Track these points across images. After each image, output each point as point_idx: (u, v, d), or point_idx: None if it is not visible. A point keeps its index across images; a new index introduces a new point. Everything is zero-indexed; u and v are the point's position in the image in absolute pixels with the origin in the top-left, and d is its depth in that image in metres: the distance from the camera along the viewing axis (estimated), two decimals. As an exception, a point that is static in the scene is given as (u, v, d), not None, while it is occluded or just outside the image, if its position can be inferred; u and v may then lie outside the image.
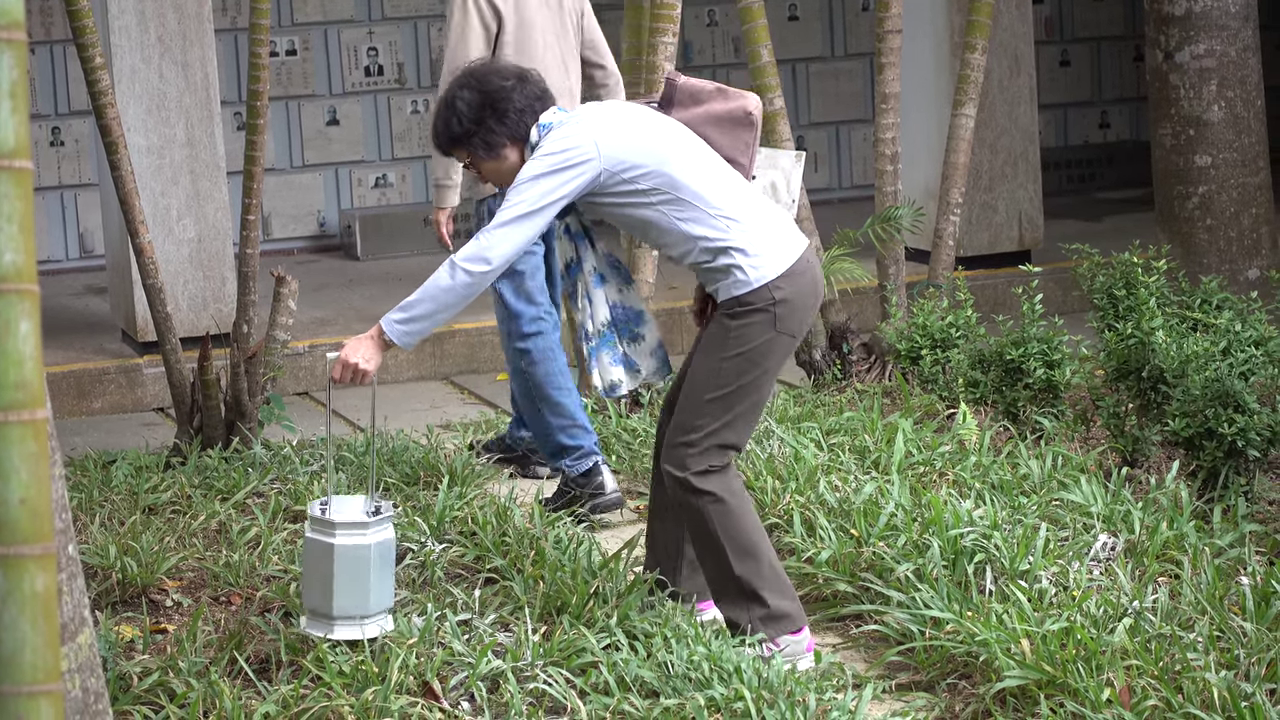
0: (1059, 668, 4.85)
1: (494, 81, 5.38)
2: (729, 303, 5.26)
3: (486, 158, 5.37)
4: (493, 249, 5.14)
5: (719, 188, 5.29)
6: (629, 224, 5.35)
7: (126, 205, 7.50)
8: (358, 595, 5.14)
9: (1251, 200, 8.96)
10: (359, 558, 5.14)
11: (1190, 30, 8.86)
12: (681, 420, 5.31)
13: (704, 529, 5.29)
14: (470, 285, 5.14)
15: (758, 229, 5.28)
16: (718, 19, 12.87)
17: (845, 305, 8.65)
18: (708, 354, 5.29)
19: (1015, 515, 5.98)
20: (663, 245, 5.36)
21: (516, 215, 5.15)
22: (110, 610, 5.77)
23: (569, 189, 5.19)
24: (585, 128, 5.27)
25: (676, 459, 5.29)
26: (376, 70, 12.23)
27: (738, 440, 5.31)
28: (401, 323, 5.21)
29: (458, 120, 5.38)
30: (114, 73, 9.10)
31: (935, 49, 10.44)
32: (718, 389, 5.25)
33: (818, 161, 12.95)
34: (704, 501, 5.26)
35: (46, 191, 11.71)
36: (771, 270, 5.23)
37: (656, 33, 7.82)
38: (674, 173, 5.24)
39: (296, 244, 12.18)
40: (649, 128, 5.34)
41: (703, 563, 5.38)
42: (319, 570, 5.17)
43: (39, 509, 2.81)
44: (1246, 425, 6.23)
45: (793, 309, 5.25)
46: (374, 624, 5.18)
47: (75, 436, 8.48)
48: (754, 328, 5.22)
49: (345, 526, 5.16)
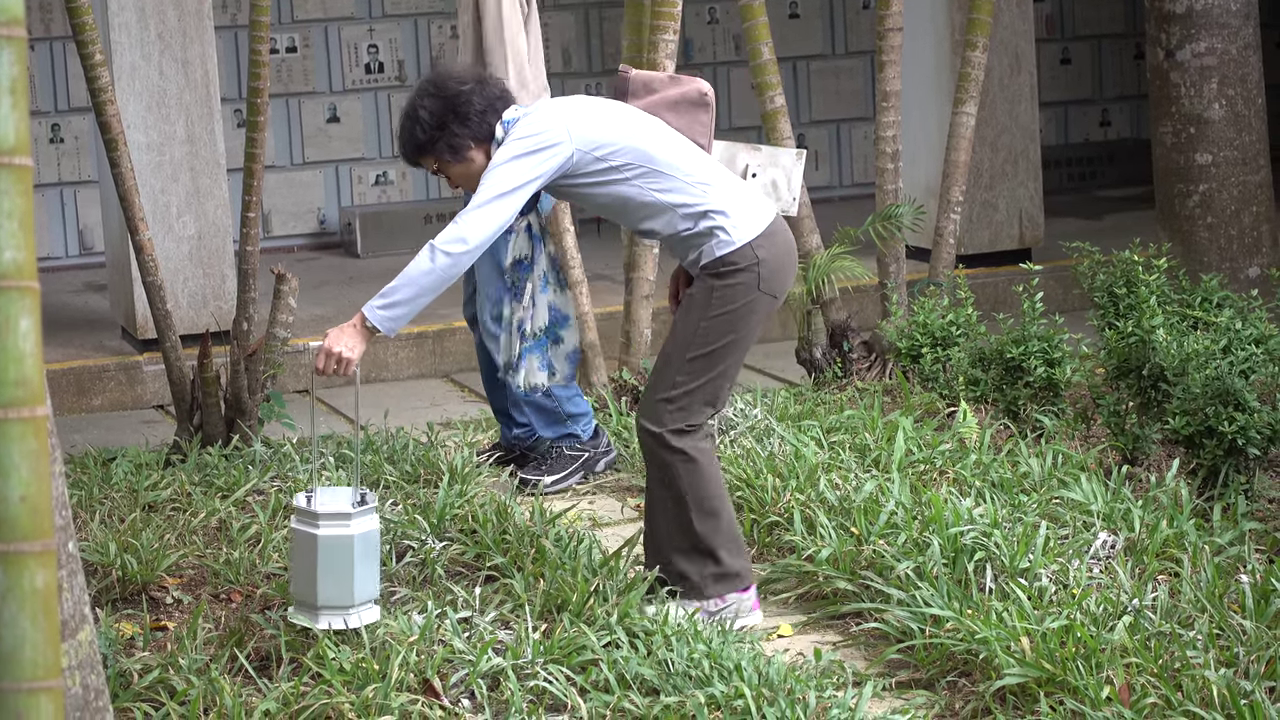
0: (1059, 665, 4.85)
1: (452, 86, 5.52)
2: (713, 264, 5.40)
3: (454, 162, 5.50)
4: (470, 230, 5.24)
5: (689, 157, 5.46)
6: (607, 203, 5.47)
7: (126, 202, 7.50)
8: (341, 586, 5.15)
9: (1252, 198, 8.96)
10: (342, 548, 5.16)
11: (1191, 28, 8.86)
12: (661, 378, 5.45)
13: (672, 485, 5.44)
14: (450, 267, 5.24)
15: (732, 192, 5.45)
16: (718, 16, 12.87)
17: (846, 303, 8.65)
18: (690, 313, 5.43)
19: (1015, 513, 5.98)
20: (642, 221, 5.47)
21: (492, 195, 5.27)
22: (110, 607, 5.77)
23: (542, 169, 5.31)
24: (553, 113, 5.42)
25: (654, 414, 5.43)
26: (377, 67, 12.23)
27: (714, 399, 5.46)
28: (384, 308, 5.28)
29: (420, 128, 5.50)
30: (114, 69, 9.10)
31: (936, 47, 10.44)
32: (700, 348, 5.39)
33: (818, 159, 12.95)
34: (675, 459, 5.42)
35: (46, 188, 11.71)
36: (751, 230, 5.40)
37: (657, 30, 7.82)
38: (645, 146, 5.40)
39: (297, 241, 12.19)
40: (614, 109, 5.52)
41: (658, 516, 5.51)
42: (304, 561, 5.20)
43: (39, 506, 2.81)
44: (1247, 423, 6.23)
45: (773, 269, 5.41)
46: (358, 614, 5.19)
47: (75, 434, 8.48)
48: (738, 288, 5.38)
49: (329, 517, 5.18)
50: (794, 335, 8.56)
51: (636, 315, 8.07)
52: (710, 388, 5.43)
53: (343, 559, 5.16)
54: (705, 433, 5.50)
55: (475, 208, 5.27)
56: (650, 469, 5.53)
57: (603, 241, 11.36)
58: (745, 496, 6.40)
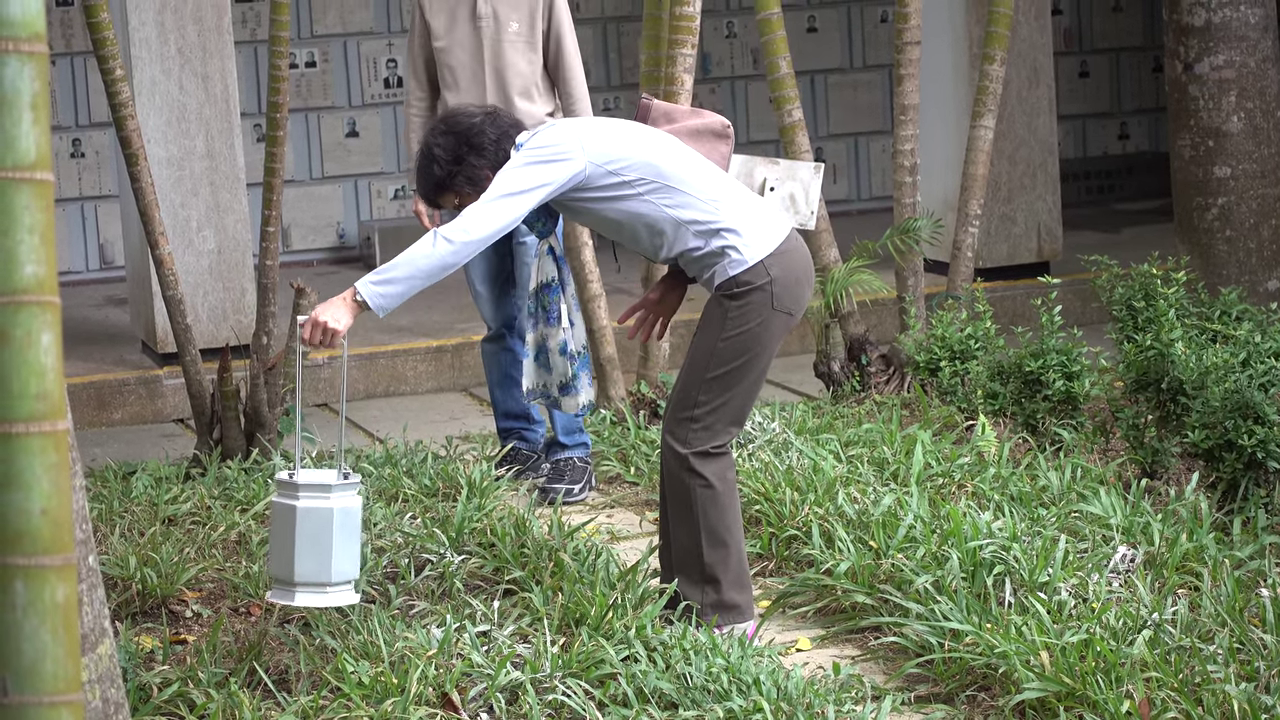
0: (1078, 680, 4.84)
1: (463, 121, 5.55)
2: (726, 284, 5.40)
3: (474, 193, 5.49)
4: (475, 223, 5.27)
5: (702, 174, 5.46)
6: (619, 220, 5.46)
7: (146, 217, 7.51)
8: (320, 561, 5.13)
9: (1271, 211, 8.94)
10: (321, 520, 5.13)
11: (1210, 41, 8.85)
12: (683, 397, 5.45)
13: (687, 508, 5.46)
14: (451, 254, 5.24)
15: (744, 210, 5.45)
16: (736, 30, 12.88)
17: (864, 317, 8.64)
18: (706, 334, 5.45)
19: (1034, 527, 5.97)
20: (654, 239, 5.47)
21: (501, 194, 5.30)
22: (130, 621, 5.78)
23: (553, 177, 5.33)
24: (567, 129, 5.46)
25: (680, 434, 5.44)
26: (396, 82, 12.24)
27: (739, 417, 5.48)
28: (378, 285, 5.27)
29: (438, 165, 5.51)
30: (134, 84, 9.13)
31: (954, 60, 10.44)
32: (718, 367, 5.41)
33: (836, 173, 12.95)
34: (695, 483, 5.44)
35: (67, 203, 11.73)
36: (763, 248, 5.40)
37: (675, 44, 7.83)
38: (658, 162, 5.41)
39: (316, 255, 12.20)
40: (626, 126, 5.55)
41: (675, 534, 5.53)
42: (282, 534, 5.17)
43: (60, 520, 2.82)
44: (1266, 437, 6.22)
45: (786, 286, 5.41)
46: (336, 593, 5.17)
47: (95, 447, 8.50)
48: (752, 308, 5.38)
49: (309, 489, 5.16)
50: (812, 349, 8.56)
51: (654, 329, 8.08)
52: (732, 406, 5.44)
53: (322, 532, 5.13)
54: (730, 461, 5.49)
55: (482, 203, 5.30)
56: (669, 487, 5.53)
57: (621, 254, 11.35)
58: (764, 510, 6.40)
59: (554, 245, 5.67)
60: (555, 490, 7.06)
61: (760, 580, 6.15)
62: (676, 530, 5.52)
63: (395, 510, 6.57)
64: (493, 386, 7.49)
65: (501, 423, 7.47)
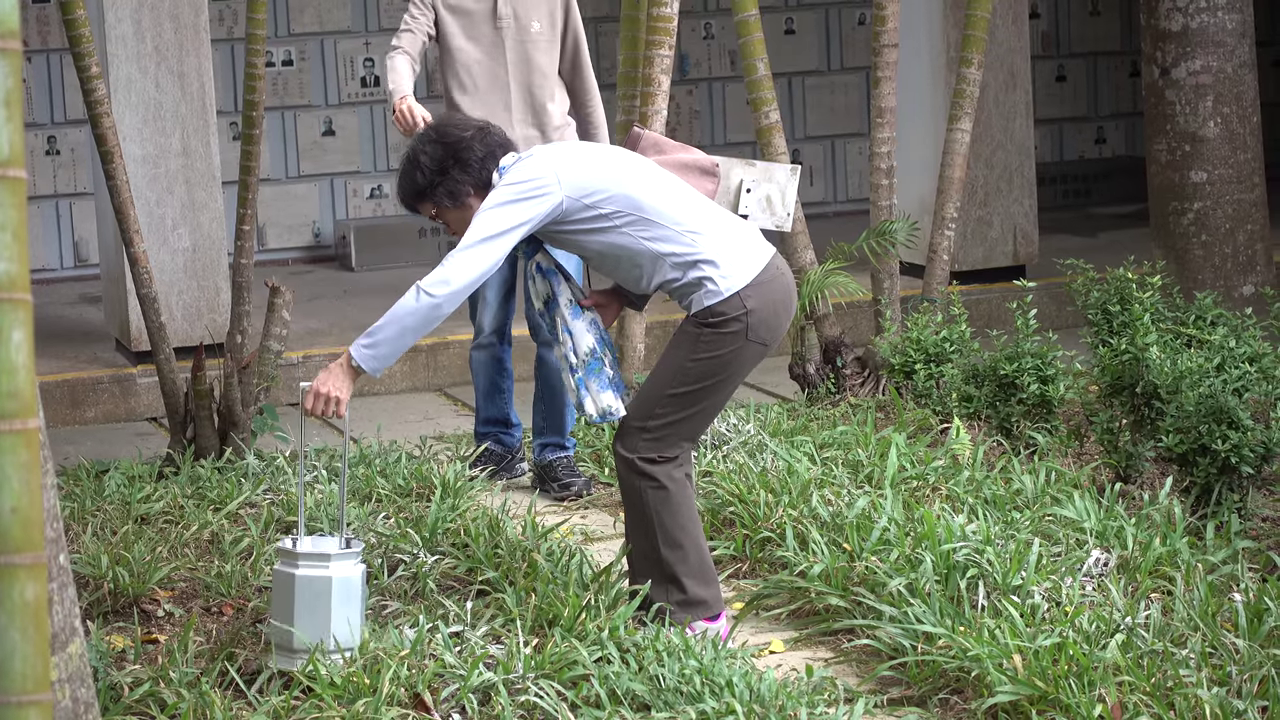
0: (1051, 683, 4.85)
1: (454, 133, 5.52)
2: (702, 313, 5.40)
3: (452, 207, 5.50)
4: (455, 273, 5.25)
5: (680, 204, 5.44)
6: (597, 252, 5.47)
7: (121, 214, 7.49)
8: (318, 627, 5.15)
9: (1246, 217, 8.97)
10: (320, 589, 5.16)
11: (1187, 46, 8.87)
12: (641, 407, 5.46)
13: (640, 510, 5.47)
14: (434, 308, 5.24)
15: (723, 240, 5.42)
16: (714, 32, 12.88)
17: (839, 319, 8.65)
18: (676, 351, 5.45)
19: (1008, 530, 5.98)
20: (632, 270, 5.47)
21: (479, 238, 5.28)
22: (101, 620, 5.76)
23: (530, 215, 5.31)
24: (544, 161, 5.41)
25: (629, 441, 5.45)
26: (372, 81, 12.23)
27: (692, 434, 5.50)
28: (369, 348, 5.27)
29: (421, 173, 5.49)
30: (110, 82, 9.10)
31: (931, 63, 10.45)
32: (680, 386, 5.41)
33: (813, 175, 12.96)
34: (645, 485, 5.44)
35: (41, 200, 11.70)
36: (740, 279, 5.38)
37: (653, 45, 7.83)
38: (635, 194, 5.39)
39: (291, 254, 12.19)
40: (606, 156, 5.52)
41: (633, 538, 5.54)
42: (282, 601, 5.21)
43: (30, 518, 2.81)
44: (1240, 442, 6.23)
45: (763, 318, 5.39)
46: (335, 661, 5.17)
47: (68, 446, 8.47)
48: (725, 337, 5.38)
49: (309, 558, 5.19)
50: (787, 350, 8.56)
51: (631, 330, 8.08)
52: (688, 424, 5.45)
53: (320, 600, 5.16)
54: (680, 463, 5.49)
55: (462, 250, 5.26)
56: (622, 492, 5.56)
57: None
58: (738, 511, 6.40)
59: (541, 262, 5.59)
60: (575, 481, 7.13)
61: (733, 582, 6.15)
62: (634, 534, 5.54)
63: (368, 510, 6.56)
64: (478, 394, 7.39)
65: (480, 427, 7.42)
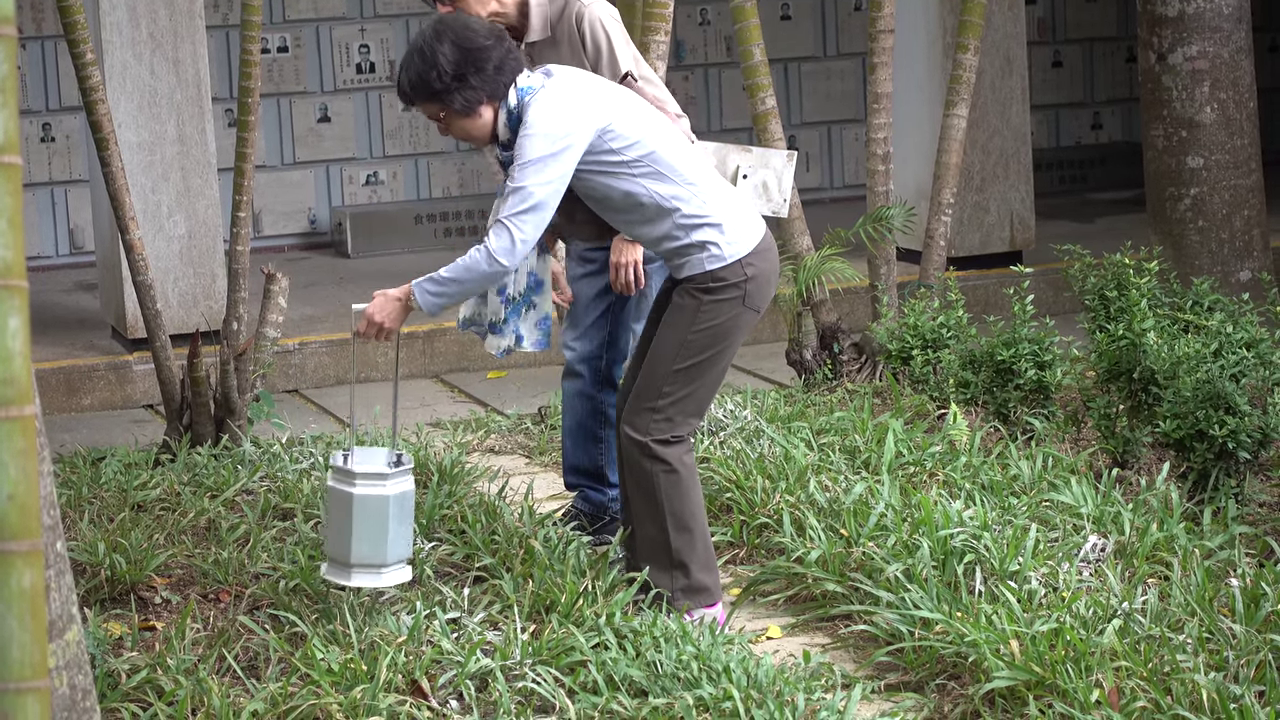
0: (1048, 669, 4.85)
1: (476, 39, 5.32)
2: (702, 277, 5.39)
3: (461, 115, 5.35)
4: (521, 236, 5.21)
5: (691, 164, 5.43)
6: (607, 196, 5.40)
7: (117, 201, 7.48)
8: (376, 544, 5.30)
9: (1243, 202, 8.96)
10: (378, 507, 5.30)
11: (1183, 32, 8.86)
12: (646, 387, 5.46)
13: (651, 495, 5.47)
14: (501, 272, 5.26)
15: (728, 206, 5.44)
16: (710, 18, 12.87)
17: (836, 305, 8.64)
18: (675, 327, 5.43)
19: (1005, 516, 5.98)
20: (635, 221, 5.44)
21: (537, 202, 5.21)
22: (99, 607, 5.76)
23: (573, 162, 5.27)
24: (576, 101, 5.31)
25: (639, 424, 5.45)
26: (368, 67, 12.22)
27: (699, 409, 5.51)
28: (433, 292, 5.31)
29: (438, 75, 5.29)
30: (105, 69, 9.09)
31: (928, 49, 10.44)
32: (685, 360, 5.42)
33: (809, 161, 12.95)
34: (657, 469, 5.45)
35: (37, 187, 11.69)
36: (744, 246, 5.40)
37: (649, 32, 7.82)
38: (655, 146, 5.37)
39: (287, 241, 12.18)
40: (631, 101, 5.47)
41: (640, 524, 5.54)
42: (340, 519, 5.34)
43: (27, 505, 2.80)
44: (1237, 427, 6.23)
45: (760, 285, 5.44)
46: (391, 573, 5.34)
47: (64, 433, 8.47)
48: (725, 304, 5.40)
49: (365, 477, 5.31)
50: (784, 337, 8.56)
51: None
52: (696, 398, 5.46)
53: (378, 518, 5.29)
54: (689, 446, 5.52)
55: (521, 213, 5.19)
56: (631, 477, 5.53)
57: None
58: (735, 498, 6.40)
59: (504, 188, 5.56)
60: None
61: (731, 568, 6.15)
62: (641, 519, 5.53)
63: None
64: (565, 433, 6.49)
65: (568, 476, 6.50)
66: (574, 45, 6.09)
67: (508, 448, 7.73)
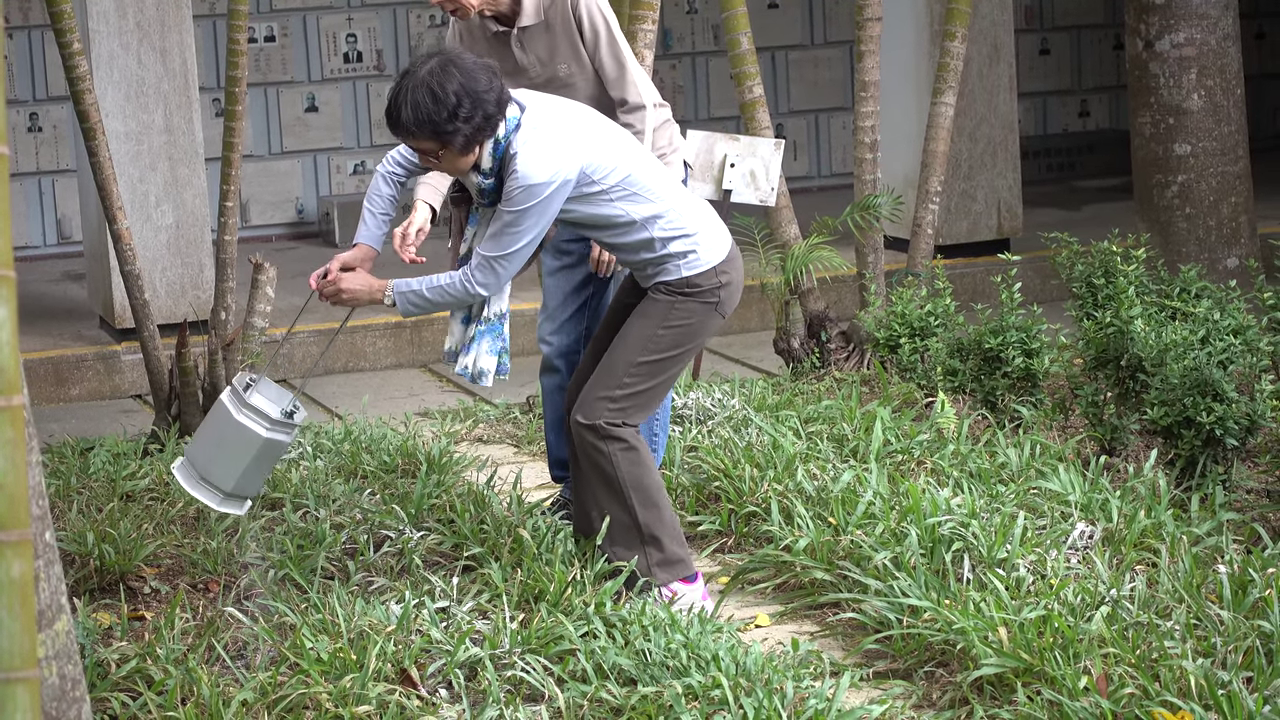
0: (1036, 656, 4.86)
1: (482, 80, 5.33)
2: (678, 283, 5.50)
3: (457, 155, 5.37)
4: (504, 275, 5.40)
5: (661, 180, 5.54)
6: (586, 220, 5.51)
7: (104, 191, 7.48)
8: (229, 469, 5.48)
9: (1230, 189, 8.97)
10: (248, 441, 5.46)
11: (1170, 19, 8.87)
12: (606, 376, 5.52)
13: (611, 476, 5.53)
14: (474, 298, 5.44)
15: (699, 216, 5.56)
16: (697, 6, 12.87)
17: (824, 293, 8.65)
18: (645, 322, 5.52)
19: (993, 504, 5.99)
20: (615, 240, 5.53)
21: (524, 244, 5.36)
22: (88, 597, 5.76)
23: (559, 204, 5.39)
24: (560, 145, 5.35)
25: (592, 410, 5.51)
26: (355, 57, 12.21)
27: (650, 407, 5.60)
28: (412, 300, 5.45)
29: (449, 117, 5.30)
30: (92, 59, 9.08)
31: (915, 37, 10.44)
32: (650, 354, 5.51)
33: (797, 149, 12.96)
34: (614, 447, 5.51)
35: (24, 177, 11.68)
36: (717, 254, 5.53)
37: (636, 20, 7.82)
38: (630, 169, 5.46)
39: (275, 231, 12.17)
40: (603, 128, 5.52)
41: (604, 508, 5.58)
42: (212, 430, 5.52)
43: (16, 495, 2.80)
44: (1224, 414, 6.24)
45: (731, 293, 5.57)
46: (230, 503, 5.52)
47: (53, 423, 8.46)
48: (699, 307, 5.52)
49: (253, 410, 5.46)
50: (772, 325, 8.57)
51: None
52: (650, 394, 5.55)
53: (244, 450, 5.46)
54: (638, 429, 5.60)
55: (506, 252, 5.34)
56: (584, 464, 5.56)
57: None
58: (723, 486, 6.40)
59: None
60: None
61: (719, 556, 6.15)
62: (604, 504, 5.57)
63: (354, 486, 6.56)
64: (547, 427, 6.54)
65: (554, 469, 6.53)
66: (568, 30, 6.05)
67: (496, 437, 7.74)
